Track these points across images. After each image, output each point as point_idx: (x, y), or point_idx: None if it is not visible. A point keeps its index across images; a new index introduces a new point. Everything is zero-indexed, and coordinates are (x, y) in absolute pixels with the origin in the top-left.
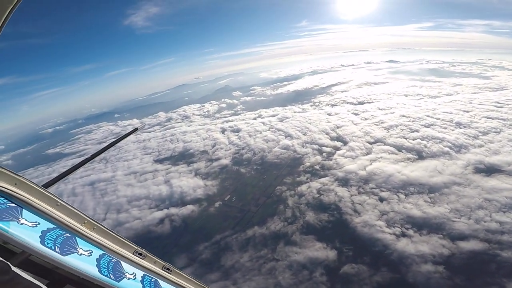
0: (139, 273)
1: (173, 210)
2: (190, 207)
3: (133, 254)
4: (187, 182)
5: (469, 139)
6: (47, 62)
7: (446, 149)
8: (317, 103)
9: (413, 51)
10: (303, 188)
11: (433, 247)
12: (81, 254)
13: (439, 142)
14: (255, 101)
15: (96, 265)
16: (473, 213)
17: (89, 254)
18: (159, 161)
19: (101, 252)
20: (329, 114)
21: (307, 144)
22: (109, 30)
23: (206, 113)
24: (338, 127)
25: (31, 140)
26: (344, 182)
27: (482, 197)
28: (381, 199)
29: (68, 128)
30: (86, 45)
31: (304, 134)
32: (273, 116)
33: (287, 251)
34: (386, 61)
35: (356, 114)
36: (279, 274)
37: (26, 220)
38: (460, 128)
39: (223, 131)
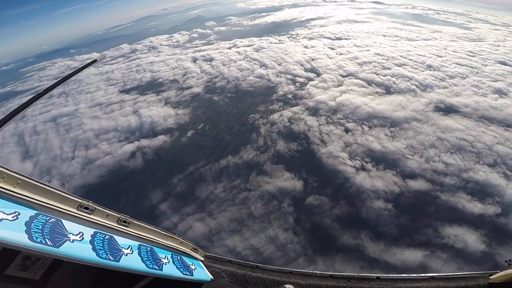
0: (88, 231)
1: (144, 142)
2: (162, 138)
3: (77, 209)
4: (157, 112)
5: (435, 81)
6: None
7: (413, 87)
8: (294, 36)
9: None
10: (275, 116)
11: (386, 184)
12: (1, 220)
13: (408, 80)
14: (230, 31)
15: (25, 230)
16: (425, 152)
17: (15, 217)
18: (125, 91)
19: (33, 212)
20: (306, 47)
21: (281, 74)
22: None
23: (176, 43)
24: (313, 60)
25: None
26: (314, 111)
27: (436, 136)
28: (347, 130)
29: (16, 67)
30: None
31: (279, 65)
32: (248, 46)
33: (259, 181)
34: (371, 1)
35: (332, 49)
36: (251, 204)
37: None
38: (430, 70)
39: (194, 60)
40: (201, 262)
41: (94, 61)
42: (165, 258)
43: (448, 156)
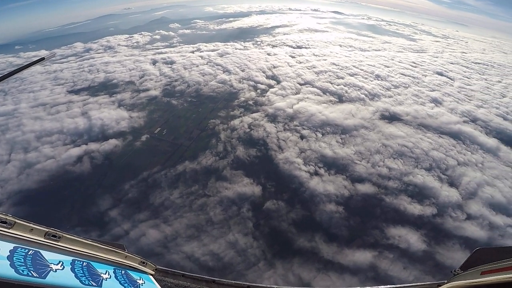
0: (5, 247)
1: (93, 146)
2: (113, 142)
3: None
4: (109, 114)
5: (382, 90)
6: None
7: (363, 96)
8: (259, 42)
9: (359, 6)
10: (236, 122)
11: (337, 188)
12: None
13: (358, 89)
14: (195, 35)
15: None
16: (371, 157)
17: None
18: (75, 91)
19: None
20: (269, 54)
21: (244, 80)
22: None
23: (135, 44)
24: (274, 67)
25: None
26: (273, 118)
27: (381, 142)
28: (302, 137)
29: None
30: None
31: (242, 71)
32: (213, 50)
33: (218, 186)
34: (332, 12)
35: (293, 57)
36: (210, 210)
37: None
38: (378, 80)
39: (154, 62)
40: (151, 276)
41: (42, 59)
42: (105, 274)
43: (391, 161)
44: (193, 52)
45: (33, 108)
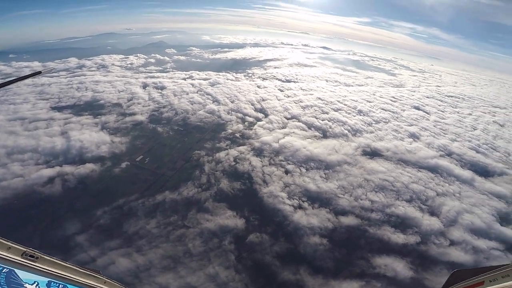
0: None
1: (68, 169)
2: (90, 166)
3: None
4: (90, 136)
5: (364, 126)
6: None
7: (346, 131)
8: (250, 74)
9: (346, 42)
10: (221, 154)
11: (321, 220)
12: None
13: (342, 125)
14: (189, 62)
15: None
16: (354, 191)
17: None
18: (58, 108)
19: None
20: (259, 87)
21: (232, 112)
22: None
23: (129, 65)
24: (263, 100)
25: None
26: (259, 152)
27: (363, 177)
28: (287, 172)
29: None
30: None
31: (232, 102)
32: (205, 79)
33: (199, 218)
34: (321, 47)
35: (281, 91)
36: (189, 242)
37: None
38: (361, 115)
39: (144, 86)
40: None
41: (39, 72)
42: None
43: (373, 194)
44: (185, 79)
45: (10, 122)
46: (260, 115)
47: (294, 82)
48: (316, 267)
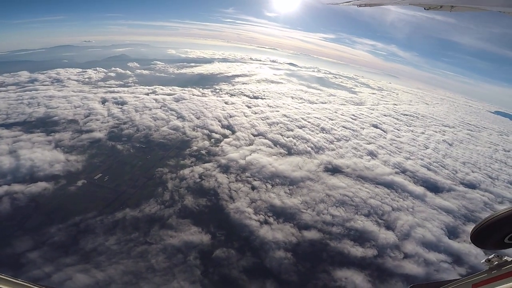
0: None
1: (17, 187)
2: (42, 185)
3: None
4: (42, 155)
5: (326, 143)
6: None
7: (309, 149)
8: (218, 90)
9: (311, 59)
10: (185, 171)
11: (285, 235)
12: None
13: (305, 142)
14: (153, 76)
15: None
16: (316, 206)
17: None
18: (6, 125)
19: None
20: (226, 103)
21: (198, 128)
22: None
23: (87, 79)
24: (231, 116)
25: None
26: (225, 169)
27: (325, 193)
28: (253, 188)
29: None
30: None
31: (197, 118)
32: (169, 95)
33: (162, 234)
34: (288, 63)
35: (249, 107)
36: (151, 258)
37: None
38: (323, 133)
39: (103, 101)
40: None
41: None
42: None
43: (334, 209)
44: (148, 94)
45: None
46: (227, 132)
47: (261, 98)
48: (281, 280)
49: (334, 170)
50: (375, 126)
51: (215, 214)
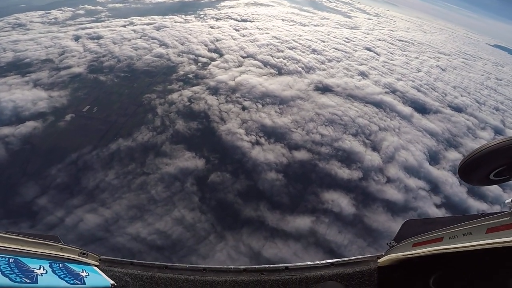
0: None
1: (6, 130)
2: (31, 124)
3: None
4: (23, 95)
5: (317, 64)
6: None
7: (300, 69)
8: (202, 16)
9: None
10: (174, 96)
11: (276, 156)
12: None
13: (296, 62)
14: (128, 8)
15: None
16: (306, 125)
17: None
18: None
19: None
20: (212, 27)
21: (183, 54)
22: None
23: (53, 20)
24: (217, 40)
25: None
26: (214, 91)
27: (315, 111)
28: (244, 108)
29: None
30: None
31: (182, 44)
32: (148, 24)
33: (158, 163)
34: None
35: (237, 30)
36: (151, 188)
37: None
38: (314, 54)
39: (76, 38)
40: (95, 267)
41: None
42: (40, 269)
43: (323, 128)
44: (124, 26)
45: None
46: (215, 55)
47: (250, 21)
48: (274, 202)
49: (324, 89)
50: (369, 49)
51: (207, 137)
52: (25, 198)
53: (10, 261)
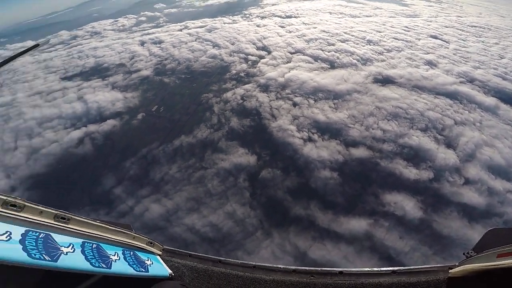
0: (17, 230)
1: (92, 127)
2: (111, 122)
3: (1, 207)
4: (104, 97)
5: (374, 55)
6: None
7: (355, 61)
8: (247, 15)
9: None
10: (228, 94)
11: (331, 153)
12: None
13: (350, 55)
14: (181, 13)
15: None
16: (365, 120)
17: None
18: (68, 78)
19: None
20: (258, 26)
21: (234, 53)
22: None
23: (121, 27)
24: (264, 38)
25: None
26: (265, 88)
27: (375, 105)
28: (295, 104)
29: None
30: None
31: (232, 44)
32: (201, 27)
33: (214, 158)
34: None
35: (282, 27)
36: (208, 182)
37: None
38: (370, 45)
39: (142, 43)
40: (158, 257)
41: (37, 45)
42: (114, 255)
43: (385, 123)
44: (181, 30)
45: (31, 97)
46: (263, 53)
47: (295, 17)
48: (326, 202)
49: (385, 81)
50: (435, 37)
51: (259, 134)
52: (105, 188)
53: (93, 246)
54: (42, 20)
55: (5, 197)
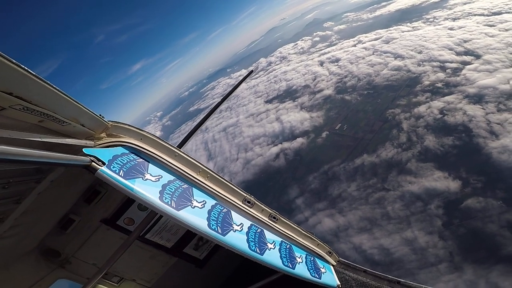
0: (246, 223)
1: (286, 145)
2: (300, 140)
3: (242, 202)
4: (294, 117)
5: None
6: (160, 41)
7: None
8: (431, 19)
9: None
10: (421, 109)
11: None
12: (194, 207)
13: None
14: (351, 28)
15: (207, 217)
16: None
17: (203, 205)
18: (269, 101)
19: (213, 202)
20: (451, 29)
21: (424, 63)
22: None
23: (301, 50)
24: (465, 41)
25: (176, 103)
26: (477, 99)
27: None
28: None
29: (198, 88)
30: (180, 19)
31: (419, 53)
32: (375, 39)
33: (400, 180)
34: None
35: (490, 26)
36: (388, 204)
37: (150, 174)
38: None
39: (321, 63)
40: (332, 267)
41: (251, 72)
42: (299, 258)
43: None
44: (354, 45)
45: (247, 118)
46: (468, 58)
47: (507, 12)
48: None
49: None
50: None
51: (467, 155)
52: (290, 197)
53: (287, 247)
54: (247, 50)
55: (245, 194)
